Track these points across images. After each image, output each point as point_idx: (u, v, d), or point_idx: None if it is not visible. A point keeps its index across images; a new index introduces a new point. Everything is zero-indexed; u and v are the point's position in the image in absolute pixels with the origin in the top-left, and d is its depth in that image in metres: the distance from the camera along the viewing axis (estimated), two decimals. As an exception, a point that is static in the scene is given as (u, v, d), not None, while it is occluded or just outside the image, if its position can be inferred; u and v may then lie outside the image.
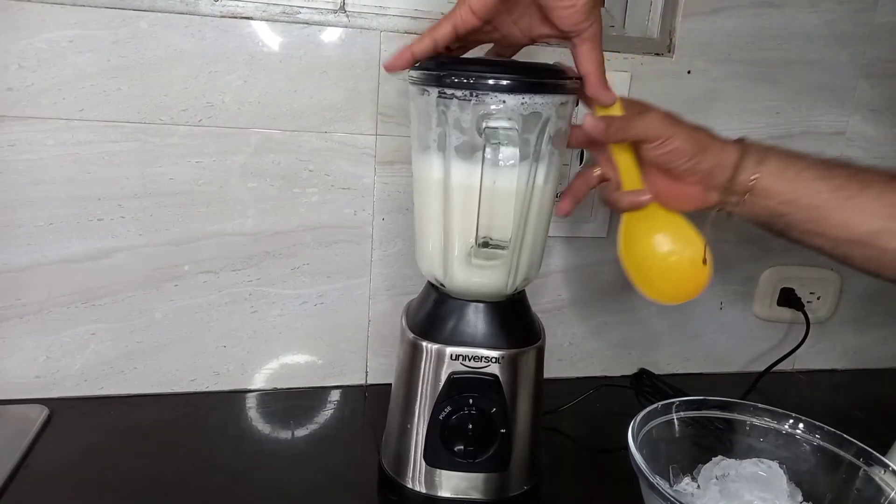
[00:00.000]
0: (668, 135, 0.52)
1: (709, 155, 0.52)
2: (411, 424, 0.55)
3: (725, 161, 0.52)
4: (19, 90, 0.61)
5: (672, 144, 0.52)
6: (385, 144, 0.70)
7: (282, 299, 0.73)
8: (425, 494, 0.56)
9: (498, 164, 0.49)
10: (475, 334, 0.54)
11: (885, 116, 0.82)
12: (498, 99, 0.48)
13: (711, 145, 0.53)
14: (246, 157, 0.68)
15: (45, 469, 0.59)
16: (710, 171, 0.53)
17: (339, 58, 0.67)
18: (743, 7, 0.74)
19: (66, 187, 0.64)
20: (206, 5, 0.63)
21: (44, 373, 0.69)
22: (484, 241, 0.51)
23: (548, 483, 0.61)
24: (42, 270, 0.66)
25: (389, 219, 0.73)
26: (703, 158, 0.52)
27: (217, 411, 0.70)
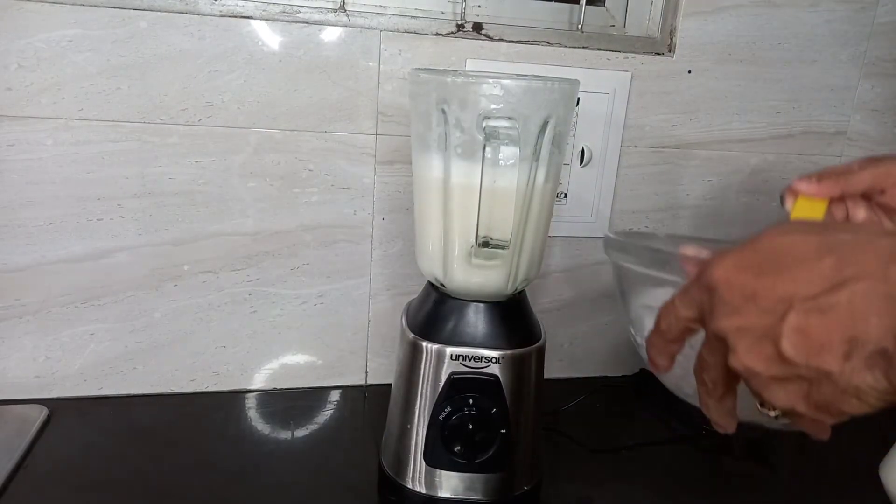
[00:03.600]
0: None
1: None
2: (411, 425, 0.55)
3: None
4: (19, 90, 0.61)
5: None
6: (385, 144, 0.70)
7: (282, 299, 0.73)
8: (425, 495, 0.56)
9: (498, 164, 0.49)
10: (475, 334, 0.54)
11: (885, 116, 0.82)
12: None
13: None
14: (246, 157, 0.67)
15: (45, 469, 0.59)
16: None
17: (338, 57, 0.67)
18: (743, 7, 0.74)
19: (65, 187, 0.64)
20: (206, 5, 0.63)
21: (43, 373, 0.69)
22: (484, 241, 0.51)
23: (548, 483, 0.61)
24: (42, 270, 0.66)
25: (389, 219, 0.73)
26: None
27: (217, 411, 0.70)
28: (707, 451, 0.72)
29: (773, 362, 0.31)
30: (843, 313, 0.29)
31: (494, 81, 0.49)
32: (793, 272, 0.31)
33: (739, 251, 0.34)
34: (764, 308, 0.31)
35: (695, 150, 0.78)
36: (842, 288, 0.29)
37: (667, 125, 0.76)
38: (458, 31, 0.68)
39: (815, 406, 0.31)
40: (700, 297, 0.35)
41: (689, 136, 0.77)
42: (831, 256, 0.30)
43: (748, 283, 0.32)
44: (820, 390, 0.31)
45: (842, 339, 0.29)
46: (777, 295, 0.31)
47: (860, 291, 0.29)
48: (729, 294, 0.33)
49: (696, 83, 0.76)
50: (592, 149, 0.74)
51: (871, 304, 0.29)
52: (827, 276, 0.30)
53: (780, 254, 0.32)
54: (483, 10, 0.73)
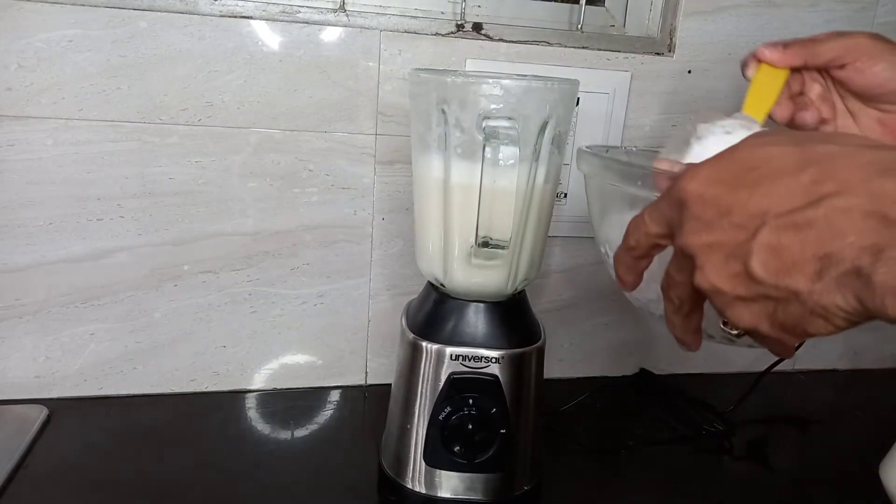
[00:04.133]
0: (877, 52, 0.46)
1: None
2: (411, 425, 0.55)
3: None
4: (19, 90, 0.61)
5: (881, 61, 0.46)
6: (385, 144, 0.70)
7: (281, 299, 0.73)
8: (425, 495, 0.56)
9: (498, 164, 0.49)
10: (475, 334, 0.54)
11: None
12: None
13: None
14: (246, 157, 0.67)
15: (45, 469, 0.59)
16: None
17: (338, 57, 0.67)
18: (743, 6, 0.74)
19: (65, 187, 0.64)
20: (206, 5, 0.63)
21: (43, 373, 0.69)
22: (484, 241, 0.51)
23: (548, 483, 0.61)
24: (42, 270, 0.66)
25: (389, 219, 0.73)
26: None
27: (217, 411, 0.70)
28: (707, 451, 0.72)
29: (740, 281, 0.30)
30: (819, 230, 0.27)
31: (494, 81, 0.49)
32: (769, 186, 0.29)
33: (714, 162, 0.32)
34: (736, 224, 0.30)
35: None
36: (820, 203, 0.28)
37: (667, 125, 0.76)
38: (457, 31, 0.68)
39: (780, 326, 0.30)
40: (670, 212, 0.34)
41: (689, 136, 0.77)
42: (811, 170, 0.29)
43: (721, 197, 0.31)
44: (786, 311, 0.29)
45: (814, 257, 0.28)
46: (750, 210, 0.30)
47: (839, 207, 0.27)
48: (700, 209, 0.31)
49: (696, 83, 0.76)
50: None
51: (850, 220, 0.27)
52: (805, 191, 0.28)
53: (756, 166, 0.30)
54: (483, 10, 0.73)
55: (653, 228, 0.35)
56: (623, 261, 0.38)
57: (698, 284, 0.32)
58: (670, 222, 0.34)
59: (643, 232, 0.36)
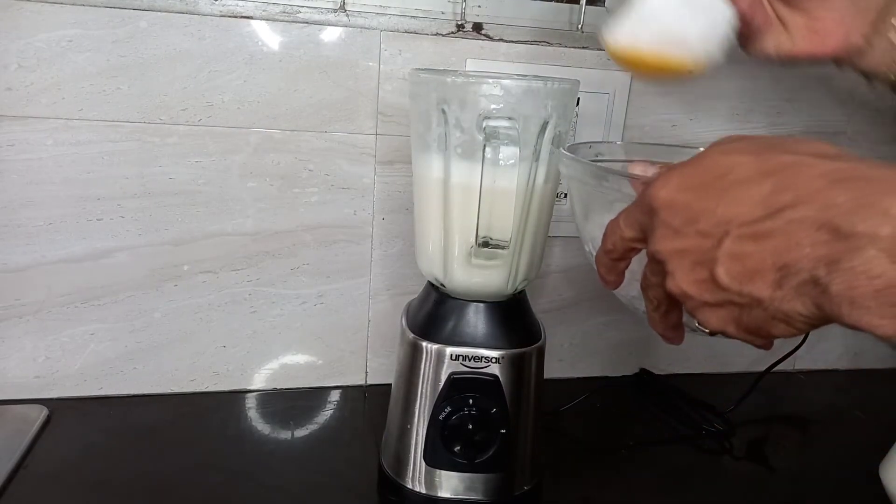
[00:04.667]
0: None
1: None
2: (411, 425, 0.55)
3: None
4: (19, 90, 0.61)
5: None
6: (385, 144, 0.70)
7: (281, 299, 0.73)
8: (425, 495, 0.56)
9: (498, 164, 0.49)
10: (475, 334, 0.54)
11: (885, 116, 0.82)
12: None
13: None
14: (246, 157, 0.67)
15: (45, 469, 0.59)
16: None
17: (338, 57, 0.67)
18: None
19: (65, 187, 0.64)
20: (206, 5, 0.63)
21: (43, 373, 0.69)
22: (484, 241, 0.51)
23: (548, 483, 0.61)
24: (41, 270, 0.66)
25: (389, 219, 0.73)
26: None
27: (217, 411, 0.70)
28: (707, 451, 0.72)
29: (707, 287, 0.32)
30: (777, 241, 0.29)
31: (494, 81, 0.49)
32: (733, 195, 0.31)
33: (682, 170, 0.34)
34: (702, 232, 0.32)
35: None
36: (778, 215, 0.29)
37: (667, 125, 0.76)
38: (458, 31, 0.68)
39: (746, 329, 0.32)
40: (643, 218, 0.35)
41: (689, 136, 0.77)
42: (770, 180, 0.30)
43: (690, 205, 0.32)
44: (750, 315, 0.31)
45: (774, 267, 0.29)
46: (716, 219, 0.31)
47: (795, 219, 0.29)
48: (670, 216, 0.33)
49: (696, 83, 0.76)
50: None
51: (805, 232, 0.28)
52: (765, 202, 0.30)
53: (721, 174, 0.32)
54: (483, 10, 0.73)
55: (627, 233, 0.37)
56: (603, 262, 0.40)
57: (669, 289, 0.34)
58: (643, 227, 0.35)
59: (619, 236, 0.37)
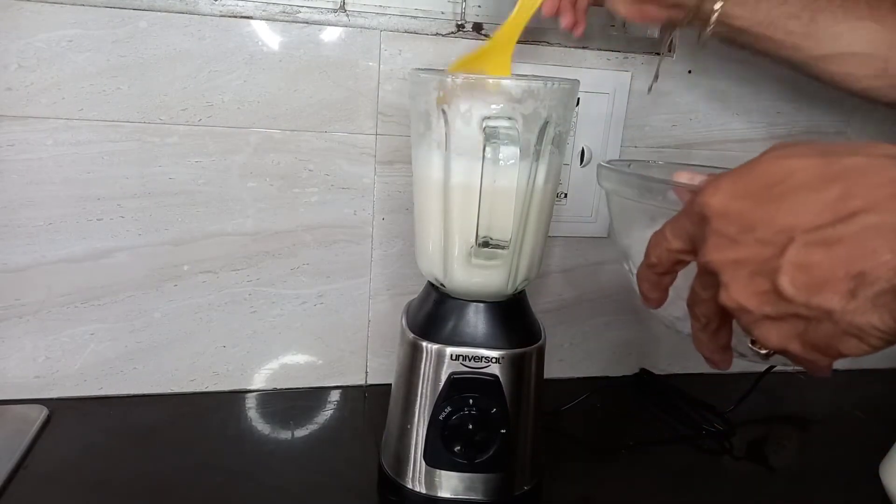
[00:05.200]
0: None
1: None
2: (411, 425, 0.55)
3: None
4: (19, 90, 0.61)
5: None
6: (385, 144, 0.70)
7: (281, 299, 0.73)
8: (425, 495, 0.56)
9: (498, 164, 0.49)
10: (475, 334, 0.54)
11: (885, 116, 0.82)
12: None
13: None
14: (246, 157, 0.67)
15: (45, 469, 0.59)
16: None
17: (338, 57, 0.67)
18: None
19: (65, 187, 0.64)
20: (206, 5, 0.63)
21: (43, 373, 0.69)
22: (484, 241, 0.51)
23: (548, 483, 0.61)
24: (41, 270, 0.66)
25: (389, 219, 0.73)
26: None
27: (217, 411, 0.70)
28: (707, 451, 0.72)
29: (768, 300, 0.29)
30: (850, 248, 0.27)
31: (494, 81, 0.49)
32: (795, 201, 0.28)
33: (735, 176, 0.31)
34: (761, 240, 0.29)
35: (695, 151, 0.78)
36: (850, 220, 0.27)
37: (667, 125, 0.76)
38: (458, 31, 0.68)
39: (812, 346, 0.29)
40: (692, 228, 0.33)
41: (689, 136, 0.77)
42: (838, 184, 0.28)
43: (745, 212, 0.30)
44: (817, 330, 0.29)
45: (847, 276, 0.27)
46: (777, 226, 0.29)
47: (871, 224, 0.26)
48: (724, 224, 0.30)
49: (696, 83, 0.76)
50: (592, 149, 0.74)
51: (882, 238, 0.26)
52: (833, 207, 0.27)
53: (780, 180, 0.29)
54: (483, 10, 0.73)
55: (675, 244, 0.34)
56: (646, 278, 0.37)
57: (723, 302, 0.31)
58: (692, 237, 0.33)
59: (664, 248, 0.35)
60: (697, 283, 0.34)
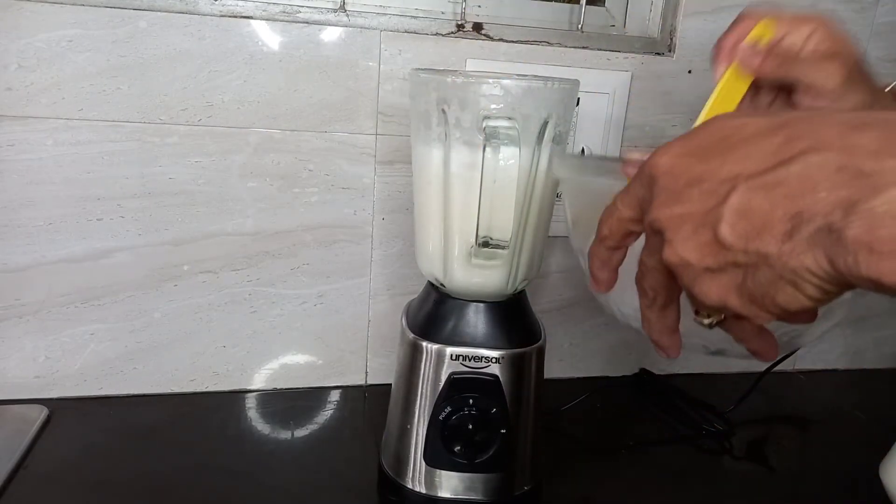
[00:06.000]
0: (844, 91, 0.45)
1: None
2: (411, 425, 0.55)
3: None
4: (19, 90, 0.61)
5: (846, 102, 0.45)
6: (385, 144, 0.70)
7: (281, 299, 0.73)
8: (425, 495, 0.56)
9: (498, 164, 0.49)
10: (475, 334, 0.54)
11: None
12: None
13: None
14: (246, 157, 0.67)
15: (45, 469, 0.59)
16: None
17: (338, 57, 0.67)
18: (744, 6, 0.74)
19: (65, 187, 0.64)
20: (206, 5, 0.63)
21: (43, 373, 0.69)
22: (484, 241, 0.51)
23: (548, 483, 0.61)
24: (41, 270, 0.66)
25: (389, 219, 0.73)
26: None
27: (217, 411, 0.70)
28: (707, 451, 0.72)
29: (709, 250, 0.29)
30: (791, 188, 0.26)
31: (494, 81, 0.49)
32: (740, 151, 0.28)
33: (685, 138, 0.31)
34: (706, 191, 0.29)
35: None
36: (793, 161, 0.26)
37: (667, 125, 0.76)
38: (458, 31, 0.68)
39: (749, 298, 0.28)
40: (641, 192, 0.32)
41: (689, 136, 0.77)
42: (784, 131, 0.28)
43: (692, 167, 0.29)
44: (755, 278, 0.28)
45: (785, 216, 0.26)
46: (722, 175, 0.28)
47: (813, 163, 0.26)
48: (671, 181, 0.30)
49: (696, 83, 0.76)
50: (592, 149, 0.74)
51: (823, 175, 0.25)
52: (778, 151, 0.27)
53: (728, 135, 0.29)
54: (483, 10, 0.73)
55: (625, 212, 0.34)
56: (597, 254, 0.37)
57: (666, 259, 0.30)
58: (642, 203, 0.33)
59: (615, 218, 0.34)
60: (645, 251, 0.33)
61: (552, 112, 0.50)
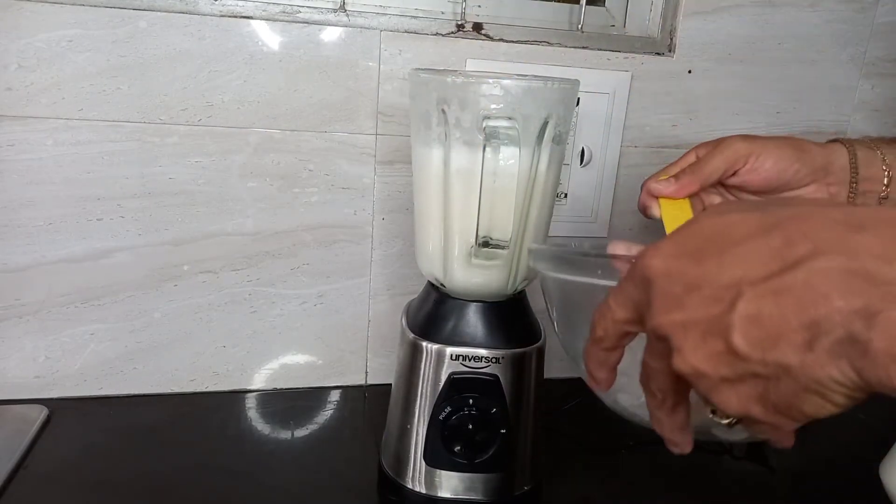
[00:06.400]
0: (757, 150, 0.49)
1: (811, 153, 0.49)
2: (411, 425, 0.55)
3: (835, 157, 0.50)
4: (19, 90, 0.61)
5: (766, 157, 0.49)
6: (385, 144, 0.70)
7: (281, 299, 0.73)
8: (425, 495, 0.56)
9: (498, 164, 0.49)
10: (475, 334, 0.54)
11: (885, 116, 0.82)
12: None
13: (808, 145, 0.50)
14: (246, 157, 0.67)
15: (45, 469, 0.59)
16: (824, 167, 0.49)
17: (338, 57, 0.67)
18: (743, 7, 0.74)
19: (65, 187, 0.64)
20: (206, 5, 0.63)
21: (43, 373, 0.69)
22: (484, 241, 0.51)
23: (548, 483, 0.61)
24: (41, 270, 0.66)
25: (389, 219, 0.73)
26: (807, 157, 0.49)
27: (217, 411, 0.70)
28: (707, 451, 0.72)
29: (724, 360, 0.27)
30: (801, 295, 0.25)
31: (494, 81, 0.49)
32: (738, 253, 0.27)
33: (674, 236, 0.30)
34: (709, 297, 0.27)
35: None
36: (797, 266, 0.25)
37: (667, 125, 0.76)
38: (458, 31, 0.68)
39: (774, 408, 0.27)
40: (636, 293, 0.31)
41: (689, 136, 0.77)
42: (780, 232, 0.27)
43: (689, 270, 0.28)
44: (777, 389, 0.26)
45: (801, 326, 0.25)
46: (723, 281, 0.27)
47: (819, 269, 0.25)
48: (668, 284, 0.29)
49: (696, 83, 0.76)
50: (592, 149, 0.74)
51: (832, 282, 0.25)
52: (779, 255, 0.26)
53: (720, 235, 0.28)
54: (483, 10, 0.73)
55: (619, 314, 0.32)
56: (593, 355, 0.35)
57: (678, 368, 0.29)
58: (637, 305, 0.31)
59: (610, 319, 0.33)
60: (648, 353, 0.32)
61: (552, 112, 0.50)
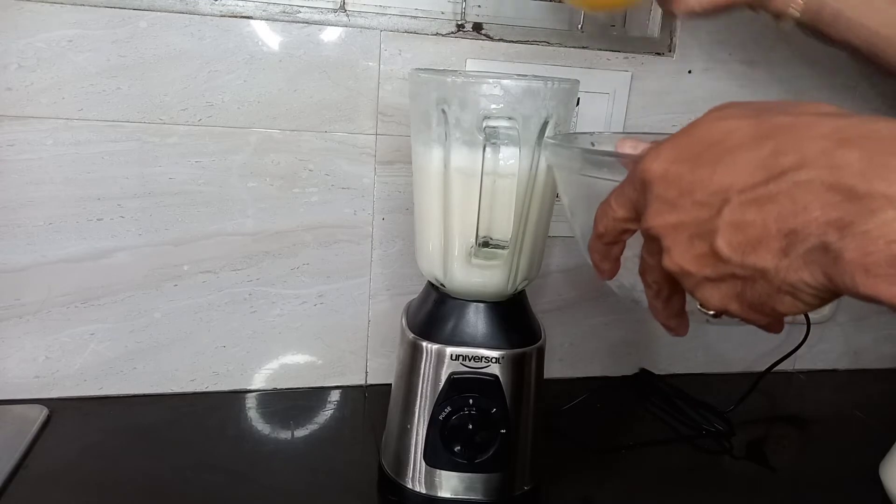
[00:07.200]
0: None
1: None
2: (411, 425, 0.55)
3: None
4: (19, 90, 0.61)
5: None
6: (385, 144, 0.70)
7: (281, 299, 0.73)
8: (425, 495, 0.56)
9: (498, 164, 0.49)
10: (475, 334, 0.54)
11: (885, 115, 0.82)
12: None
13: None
14: (246, 157, 0.67)
15: (45, 469, 0.59)
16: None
17: (338, 57, 0.67)
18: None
19: (65, 187, 0.64)
20: (206, 5, 0.63)
21: (43, 373, 0.69)
22: (484, 241, 0.51)
23: (548, 483, 0.61)
24: (41, 270, 0.66)
25: (389, 219, 0.73)
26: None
27: (217, 411, 0.70)
28: (707, 451, 0.72)
29: (707, 261, 0.30)
30: (782, 205, 0.27)
31: (494, 81, 0.49)
32: (729, 162, 0.29)
33: (675, 140, 0.32)
34: (699, 202, 0.30)
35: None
36: (781, 177, 0.27)
37: (667, 125, 0.76)
38: (458, 31, 0.68)
39: (749, 306, 0.30)
40: (635, 195, 0.33)
41: (689, 136, 0.77)
42: (770, 142, 0.28)
43: (684, 176, 0.30)
44: (753, 289, 0.29)
45: (779, 234, 0.27)
46: (713, 187, 0.29)
47: (801, 181, 0.27)
48: (664, 189, 0.31)
49: (696, 83, 0.76)
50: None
51: (812, 194, 0.26)
52: (766, 165, 0.28)
53: (716, 141, 0.30)
54: (483, 10, 0.73)
55: (619, 213, 0.35)
56: (596, 249, 0.38)
57: (666, 266, 0.32)
58: (636, 205, 0.34)
59: (611, 217, 0.35)
60: (644, 250, 0.34)
61: (552, 112, 0.50)
